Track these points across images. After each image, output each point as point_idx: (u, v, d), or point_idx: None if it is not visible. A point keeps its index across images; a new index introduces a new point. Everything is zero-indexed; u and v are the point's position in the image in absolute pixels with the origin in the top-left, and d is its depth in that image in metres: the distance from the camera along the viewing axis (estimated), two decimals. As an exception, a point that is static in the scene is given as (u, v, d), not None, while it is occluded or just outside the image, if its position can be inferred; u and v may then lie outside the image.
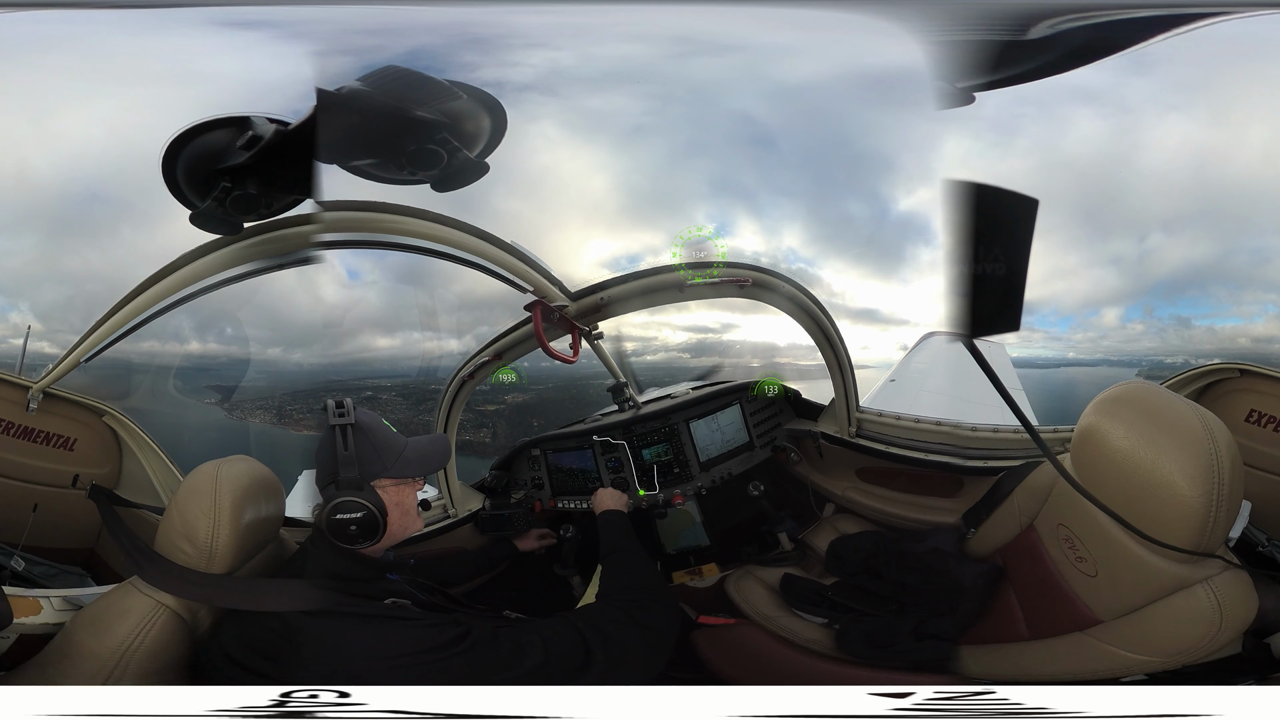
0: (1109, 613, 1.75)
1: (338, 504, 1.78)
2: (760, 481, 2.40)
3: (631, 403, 2.49)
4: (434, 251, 2.16)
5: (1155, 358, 2.05)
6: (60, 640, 1.75)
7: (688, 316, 2.29)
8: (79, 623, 1.75)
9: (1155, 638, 1.69)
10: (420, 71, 2.03)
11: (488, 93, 2.05)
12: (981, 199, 1.89)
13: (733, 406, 2.47)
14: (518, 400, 2.40)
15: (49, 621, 1.82)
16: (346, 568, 1.82)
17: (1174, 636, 1.67)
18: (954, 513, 2.09)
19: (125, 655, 1.68)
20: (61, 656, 1.72)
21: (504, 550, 2.40)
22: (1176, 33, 2.02)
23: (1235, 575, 1.66)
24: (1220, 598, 1.63)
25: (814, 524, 2.39)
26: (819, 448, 2.37)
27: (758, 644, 2.20)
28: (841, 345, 2.28)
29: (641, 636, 1.80)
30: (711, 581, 2.37)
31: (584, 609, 1.92)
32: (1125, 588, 1.71)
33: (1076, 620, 1.79)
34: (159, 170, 1.96)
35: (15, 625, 1.77)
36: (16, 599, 1.79)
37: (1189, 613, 1.65)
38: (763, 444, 2.47)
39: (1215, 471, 1.59)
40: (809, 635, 2.18)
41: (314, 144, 1.95)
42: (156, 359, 2.10)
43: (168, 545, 1.78)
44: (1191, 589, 1.65)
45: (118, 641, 1.69)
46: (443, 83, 2.04)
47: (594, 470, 2.42)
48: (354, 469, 1.80)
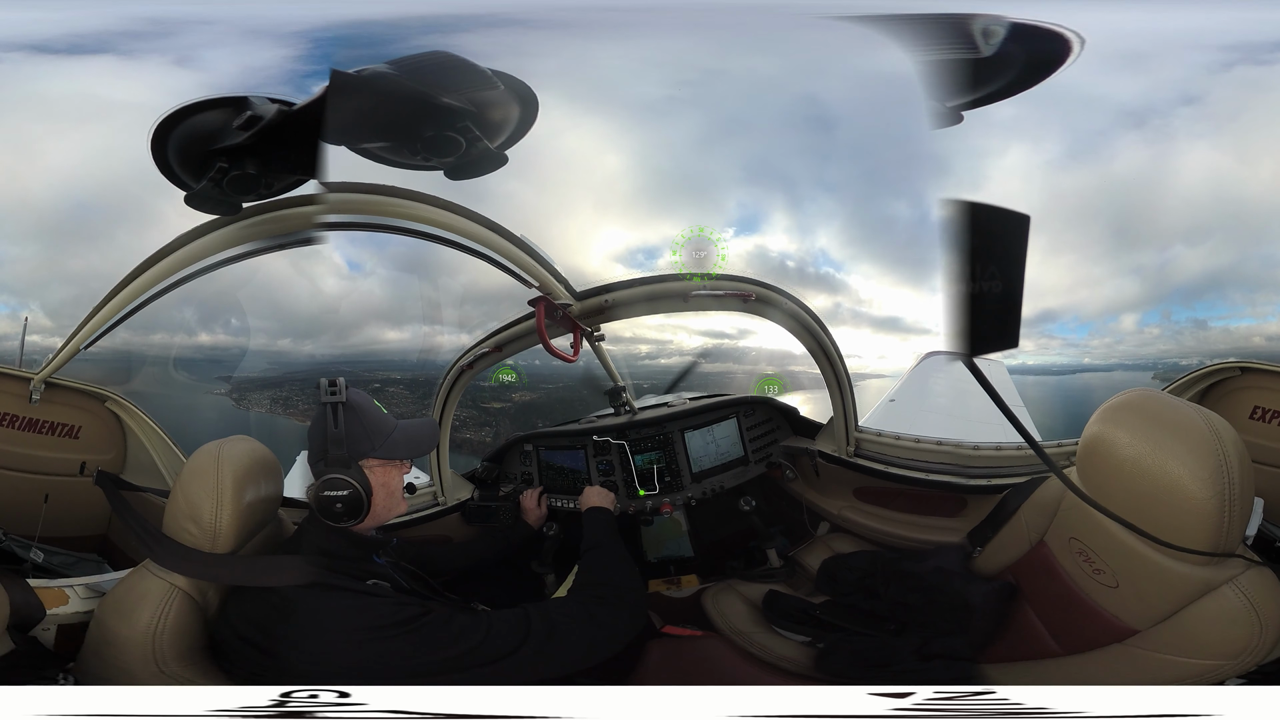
0: (1142, 622, 1.71)
1: (326, 480, 1.79)
2: (752, 497, 2.35)
3: (628, 407, 2.46)
4: (444, 240, 2.15)
5: (1170, 360, 2.08)
6: (94, 630, 1.75)
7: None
8: (106, 609, 1.75)
9: (1202, 641, 1.62)
10: (462, 58, 2.04)
11: (525, 84, 2.06)
12: (975, 217, 1.94)
13: (729, 420, 2.45)
14: (527, 399, 2.39)
15: (78, 610, 1.84)
16: (336, 545, 1.82)
17: (1220, 638, 1.60)
18: (956, 532, 2.05)
19: (155, 639, 1.67)
20: (104, 644, 1.71)
21: (520, 531, 2.35)
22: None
23: (1260, 572, 1.63)
24: (1250, 596, 1.59)
25: (806, 542, 2.34)
26: (816, 466, 2.34)
27: (720, 658, 2.13)
28: (841, 363, 2.27)
29: (590, 634, 1.78)
30: (689, 593, 2.32)
31: (547, 600, 1.92)
32: (1151, 595, 1.67)
33: (1111, 632, 1.74)
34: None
35: (50, 616, 1.80)
36: (43, 590, 1.82)
37: (1224, 614, 1.59)
38: (758, 459, 2.44)
39: (1224, 471, 1.58)
40: (782, 653, 2.10)
41: (320, 125, 1.95)
42: (156, 343, 2.11)
43: (174, 526, 1.77)
44: (1219, 590, 1.61)
45: (144, 625, 1.67)
46: (484, 71, 2.04)
47: (584, 470, 2.40)
48: (343, 447, 1.81)
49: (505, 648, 1.70)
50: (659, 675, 2.03)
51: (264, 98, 1.99)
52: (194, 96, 1.98)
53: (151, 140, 1.96)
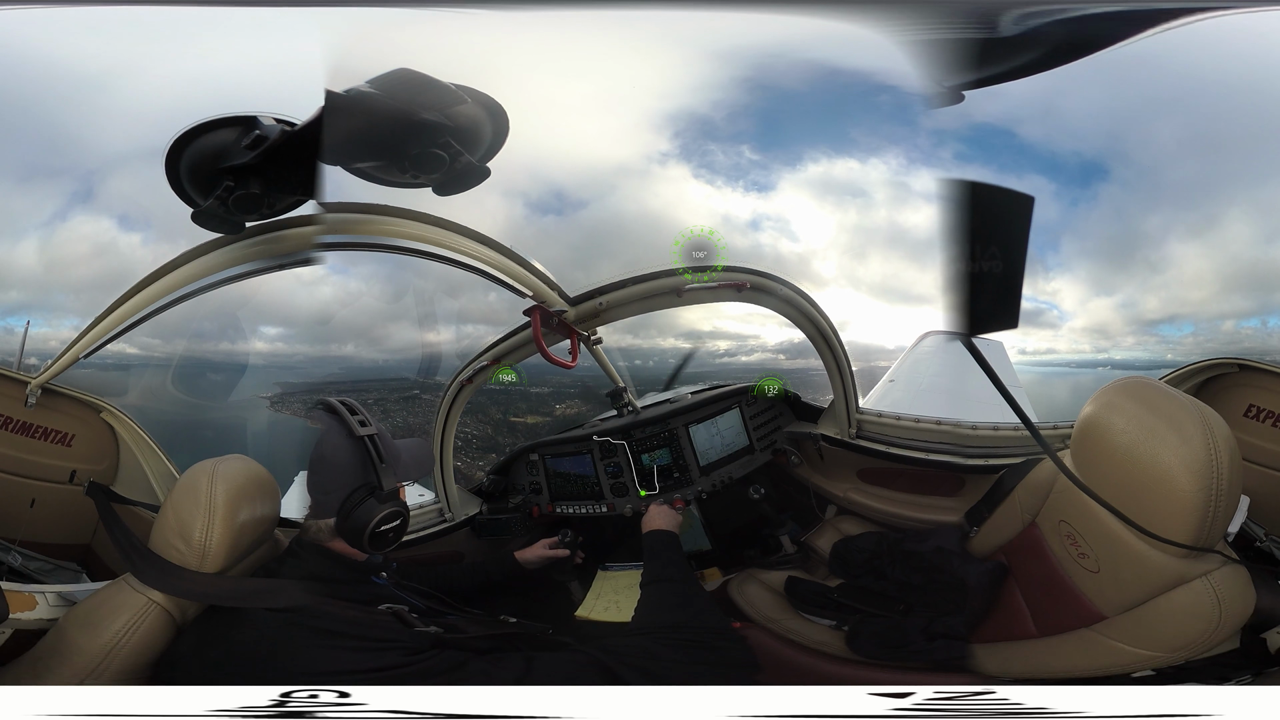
0: (1113, 608, 1.75)
1: (387, 515, 1.80)
2: (761, 485, 2.38)
3: (630, 408, 2.48)
4: (434, 256, 2.17)
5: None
6: (52, 636, 1.75)
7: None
8: (71, 619, 1.75)
9: (1157, 633, 1.68)
10: (428, 75, 2.05)
11: (490, 96, 2.07)
12: (977, 197, 1.90)
13: (732, 410, 2.47)
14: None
15: (44, 617, 1.81)
16: (332, 570, 1.83)
17: (1175, 631, 1.66)
18: (956, 511, 2.09)
19: (112, 652, 1.68)
20: (52, 652, 1.72)
21: (506, 568, 2.34)
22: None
23: (1234, 570, 1.66)
24: (1220, 592, 1.63)
25: (816, 526, 2.37)
26: (819, 450, 2.37)
27: (764, 647, 2.18)
28: (840, 347, 2.28)
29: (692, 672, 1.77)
30: (714, 586, 2.35)
31: (622, 643, 1.84)
32: (1128, 583, 1.71)
33: (1083, 616, 1.79)
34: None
35: (11, 620, 1.76)
36: (13, 594, 1.78)
37: (1190, 607, 1.65)
38: (763, 447, 2.46)
39: (1214, 466, 1.59)
40: (817, 637, 2.16)
41: (319, 145, 1.96)
42: (155, 356, 2.11)
43: (162, 543, 1.78)
44: (1191, 584, 1.65)
45: (108, 638, 1.69)
46: (449, 86, 2.05)
47: (593, 475, 2.41)
48: (392, 477, 1.83)
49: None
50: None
51: (271, 117, 2.00)
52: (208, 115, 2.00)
53: (166, 157, 1.98)
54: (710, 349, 2.35)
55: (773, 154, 2.13)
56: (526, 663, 1.72)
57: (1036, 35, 2.07)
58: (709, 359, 2.36)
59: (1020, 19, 2.09)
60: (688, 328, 2.32)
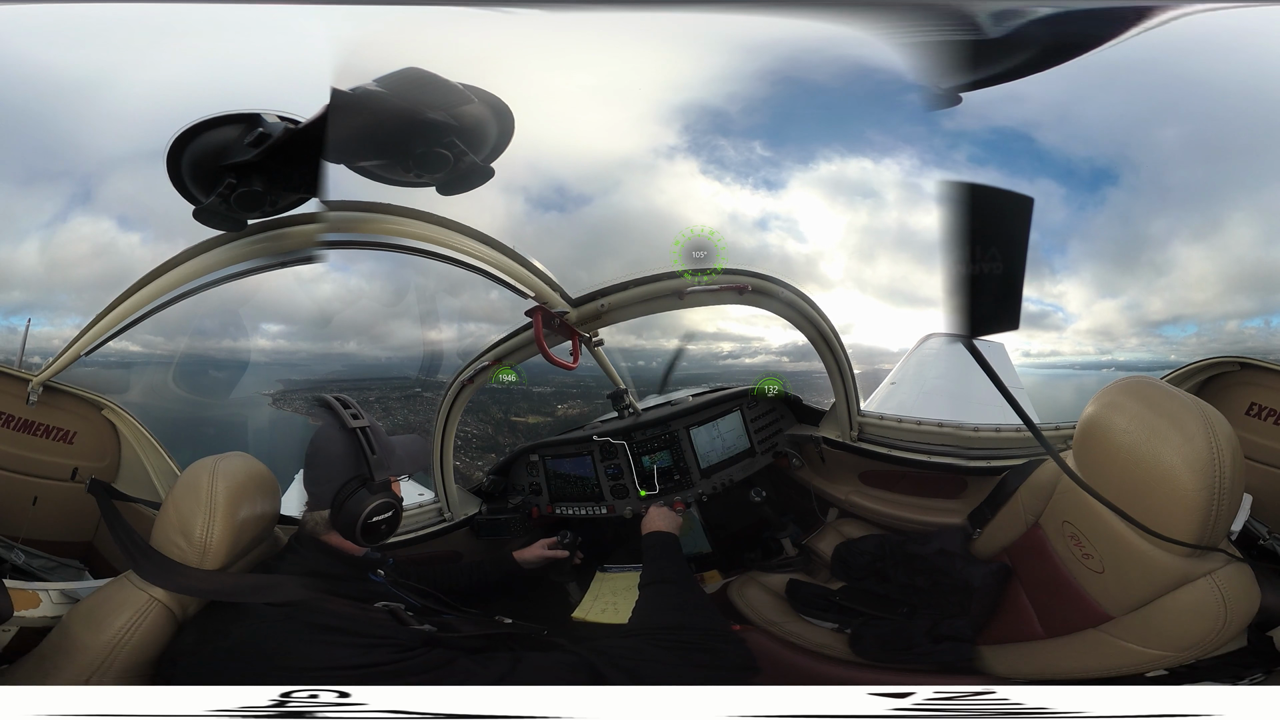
0: (1119, 609, 1.74)
1: (378, 506, 1.82)
2: (762, 488, 2.37)
3: (631, 410, 2.48)
4: (436, 255, 2.17)
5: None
6: (56, 634, 1.76)
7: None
8: (74, 616, 1.77)
9: (1164, 632, 1.68)
10: (435, 74, 2.06)
11: (496, 96, 2.09)
12: (976, 199, 1.90)
13: (733, 413, 2.46)
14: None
15: (47, 615, 1.83)
16: (330, 565, 1.84)
17: (1182, 631, 1.65)
18: (958, 513, 2.08)
19: (116, 649, 1.69)
20: (57, 650, 1.73)
21: (504, 568, 2.34)
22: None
23: (1238, 568, 1.66)
24: (1224, 591, 1.63)
25: (817, 529, 2.36)
26: (821, 452, 2.36)
27: (766, 651, 2.16)
28: (841, 350, 2.28)
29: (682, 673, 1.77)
30: (714, 589, 2.34)
31: (613, 644, 1.85)
32: (1133, 583, 1.70)
33: (1090, 617, 1.78)
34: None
35: (16, 619, 1.78)
36: (16, 592, 1.81)
37: (1195, 606, 1.64)
38: (764, 450, 2.45)
39: (1216, 465, 1.59)
40: (819, 640, 2.15)
41: (322, 143, 1.97)
42: (157, 353, 2.11)
43: (163, 540, 1.79)
44: (1196, 583, 1.64)
45: (111, 635, 1.70)
46: (456, 86, 2.06)
47: (593, 477, 2.40)
48: (384, 469, 1.84)
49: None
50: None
51: (275, 115, 2.01)
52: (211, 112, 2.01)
53: (168, 154, 1.99)
54: (714, 351, 2.34)
55: (773, 153, 2.13)
56: (513, 662, 1.73)
57: (1037, 35, 2.08)
58: (712, 361, 2.35)
59: (1019, 18, 2.10)
60: (690, 329, 2.32)
